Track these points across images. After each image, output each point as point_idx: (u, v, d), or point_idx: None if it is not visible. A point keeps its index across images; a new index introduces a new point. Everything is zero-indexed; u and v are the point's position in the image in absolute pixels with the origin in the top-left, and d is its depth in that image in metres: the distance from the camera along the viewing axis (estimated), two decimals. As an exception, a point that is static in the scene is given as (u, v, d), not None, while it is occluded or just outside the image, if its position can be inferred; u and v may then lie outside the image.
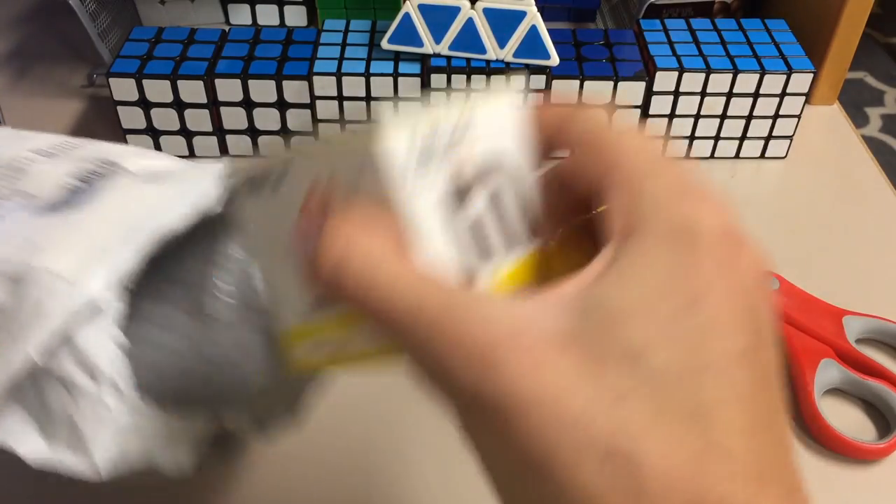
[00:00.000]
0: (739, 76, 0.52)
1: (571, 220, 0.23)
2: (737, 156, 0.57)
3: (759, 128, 0.55)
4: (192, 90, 0.52)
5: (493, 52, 0.51)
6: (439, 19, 0.50)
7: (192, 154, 0.56)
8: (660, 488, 0.16)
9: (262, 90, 0.52)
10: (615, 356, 0.17)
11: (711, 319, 0.18)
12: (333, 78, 0.51)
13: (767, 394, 0.18)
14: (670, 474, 0.16)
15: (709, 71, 0.52)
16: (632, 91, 0.53)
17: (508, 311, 0.18)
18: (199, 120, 0.54)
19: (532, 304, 0.18)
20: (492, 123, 0.21)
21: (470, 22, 0.50)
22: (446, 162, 0.20)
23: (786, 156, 0.57)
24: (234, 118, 0.54)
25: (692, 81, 0.53)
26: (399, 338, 0.19)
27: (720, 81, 0.53)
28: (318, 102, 0.53)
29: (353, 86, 0.52)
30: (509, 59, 0.51)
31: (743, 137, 0.56)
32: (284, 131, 0.55)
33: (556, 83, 0.52)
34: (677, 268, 0.18)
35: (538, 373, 0.17)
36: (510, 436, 0.17)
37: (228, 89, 0.52)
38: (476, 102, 0.21)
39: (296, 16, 0.67)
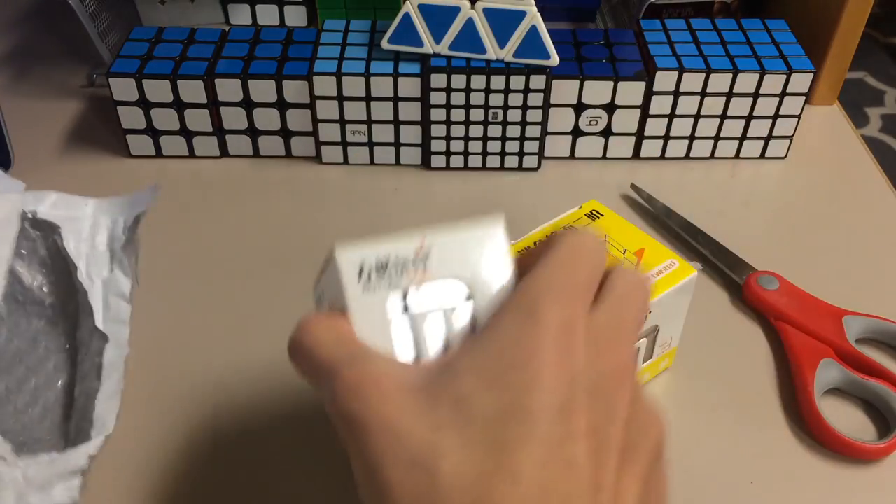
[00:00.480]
0: (739, 76, 0.52)
1: None
2: (737, 156, 0.57)
3: (759, 128, 0.55)
4: (192, 90, 0.52)
5: (493, 52, 0.51)
6: (439, 19, 0.50)
7: (192, 154, 0.56)
8: (449, 494, 0.21)
9: (262, 90, 0.52)
10: (447, 400, 0.23)
11: (533, 378, 0.22)
12: (333, 78, 0.51)
13: (576, 448, 0.22)
14: (460, 484, 0.21)
15: (709, 71, 0.52)
16: (632, 91, 0.53)
17: (385, 366, 0.24)
18: (199, 120, 0.54)
19: (407, 366, 0.25)
20: (461, 250, 0.27)
21: (470, 22, 0.50)
22: (403, 276, 0.27)
23: (786, 156, 0.57)
24: (234, 118, 0.54)
25: (692, 81, 0.53)
26: (314, 380, 0.25)
27: (720, 81, 0.53)
28: (318, 102, 0.53)
29: (353, 86, 0.52)
30: (509, 59, 0.51)
31: (743, 137, 0.56)
32: (284, 131, 0.55)
33: (555, 83, 0.52)
34: (516, 339, 0.24)
35: (384, 404, 0.23)
36: (359, 448, 0.23)
37: (228, 89, 0.52)
38: (440, 233, 0.27)
39: (296, 16, 0.67)
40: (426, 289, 0.27)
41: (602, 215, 0.41)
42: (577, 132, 0.55)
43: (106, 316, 0.42)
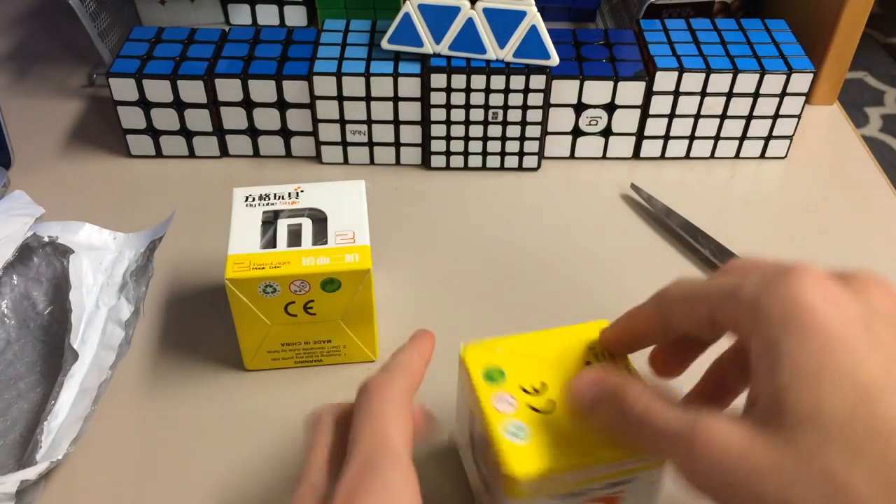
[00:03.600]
0: (739, 76, 0.52)
1: None
2: (737, 156, 0.57)
3: (759, 128, 0.55)
4: (192, 90, 0.52)
5: (493, 52, 0.51)
6: (439, 19, 0.50)
7: (192, 154, 0.56)
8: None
9: (262, 90, 0.52)
10: None
11: None
12: (333, 78, 0.51)
13: None
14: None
15: (709, 71, 0.52)
16: (632, 91, 0.53)
17: None
18: (199, 120, 0.54)
19: None
20: None
21: (470, 22, 0.50)
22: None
23: (786, 156, 0.57)
24: (234, 118, 0.54)
25: (692, 81, 0.53)
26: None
27: (720, 81, 0.53)
28: (318, 102, 0.53)
29: (353, 86, 0.52)
30: (509, 59, 0.51)
31: (743, 137, 0.56)
32: (284, 131, 0.55)
33: (555, 83, 0.52)
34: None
35: None
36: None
37: (228, 89, 0.52)
38: None
39: (296, 16, 0.67)
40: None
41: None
42: (577, 132, 0.55)
43: (101, 341, 0.43)
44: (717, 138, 0.56)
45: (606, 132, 0.55)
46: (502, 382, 0.31)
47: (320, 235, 0.40)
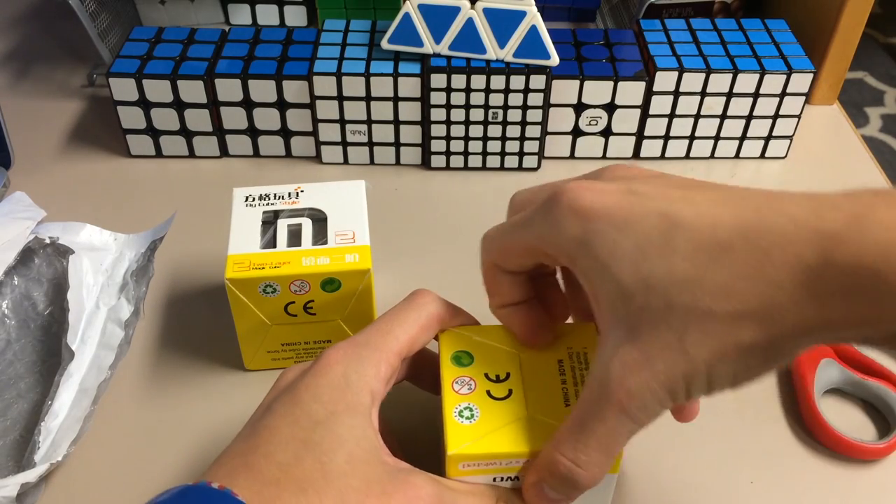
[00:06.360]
0: (739, 76, 0.52)
1: None
2: (737, 156, 0.57)
3: (759, 128, 0.55)
4: (192, 90, 0.52)
5: (493, 52, 0.51)
6: (439, 19, 0.50)
7: (192, 154, 0.56)
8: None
9: (262, 90, 0.52)
10: None
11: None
12: (333, 78, 0.51)
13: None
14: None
15: (709, 71, 0.52)
16: (632, 91, 0.53)
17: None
18: (199, 120, 0.54)
19: None
20: None
21: (470, 22, 0.50)
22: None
23: (786, 156, 0.57)
24: (234, 118, 0.54)
25: (692, 81, 0.53)
26: None
27: (720, 81, 0.53)
28: (318, 102, 0.53)
29: (353, 86, 0.52)
30: (509, 59, 0.51)
31: (743, 137, 0.56)
32: (284, 131, 0.55)
33: (555, 83, 0.52)
34: None
35: None
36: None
37: (228, 89, 0.52)
38: None
39: (296, 16, 0.67)
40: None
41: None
42: (577, 132, 0.55)
43: (101, 341, 0.43)
44: (717, 138, 0.56)
45: (606, 132, 0.55)
46: (468, 367, 0.32)
47: (320, 235, 0.40)
